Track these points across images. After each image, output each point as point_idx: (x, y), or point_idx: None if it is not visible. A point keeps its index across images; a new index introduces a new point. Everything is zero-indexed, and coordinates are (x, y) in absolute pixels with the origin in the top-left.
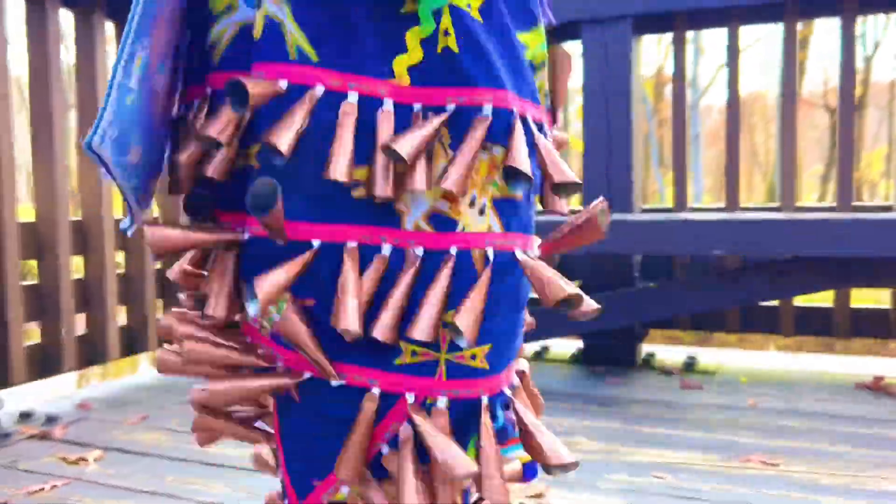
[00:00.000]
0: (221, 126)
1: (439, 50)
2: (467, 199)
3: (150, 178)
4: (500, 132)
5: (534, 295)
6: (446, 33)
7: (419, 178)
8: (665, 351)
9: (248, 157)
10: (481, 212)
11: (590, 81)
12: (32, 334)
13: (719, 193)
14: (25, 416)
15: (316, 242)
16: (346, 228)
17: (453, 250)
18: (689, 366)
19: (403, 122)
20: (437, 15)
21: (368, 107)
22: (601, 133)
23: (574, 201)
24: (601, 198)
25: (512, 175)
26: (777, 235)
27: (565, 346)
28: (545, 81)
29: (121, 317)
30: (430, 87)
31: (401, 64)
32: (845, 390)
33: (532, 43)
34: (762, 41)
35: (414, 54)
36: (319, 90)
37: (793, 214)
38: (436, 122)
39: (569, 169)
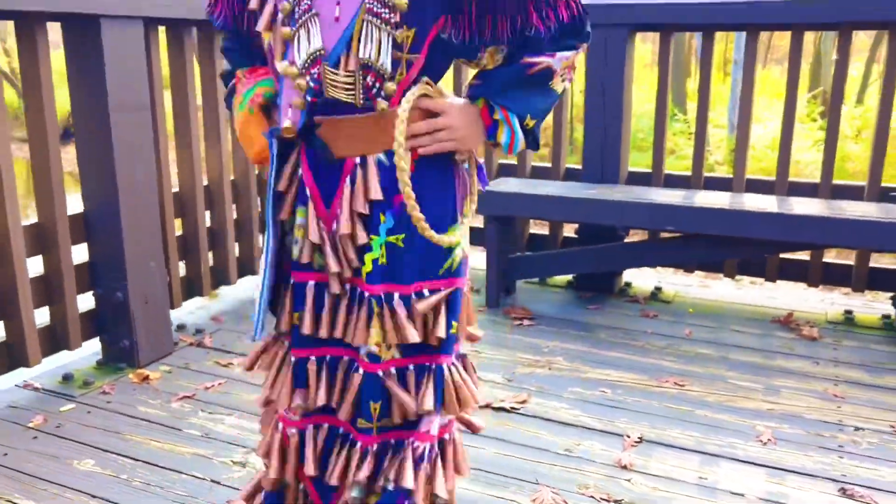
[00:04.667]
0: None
1: None
2: None
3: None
4: None
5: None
6: None
7: None
8: (640, 277)
9: None
10: None
11: (590, 76)
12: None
13: None
14: (181, 328)
15: None
16: None
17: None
18: (654, 295)
19: None
20: None
21: None
22: (598, 123)
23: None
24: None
25: None
26: (717, 220)
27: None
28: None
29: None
30: None
31: None
32: (761, 324)
33: None
34: None
35: None
36: None
37: (737, 201)
38: None
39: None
